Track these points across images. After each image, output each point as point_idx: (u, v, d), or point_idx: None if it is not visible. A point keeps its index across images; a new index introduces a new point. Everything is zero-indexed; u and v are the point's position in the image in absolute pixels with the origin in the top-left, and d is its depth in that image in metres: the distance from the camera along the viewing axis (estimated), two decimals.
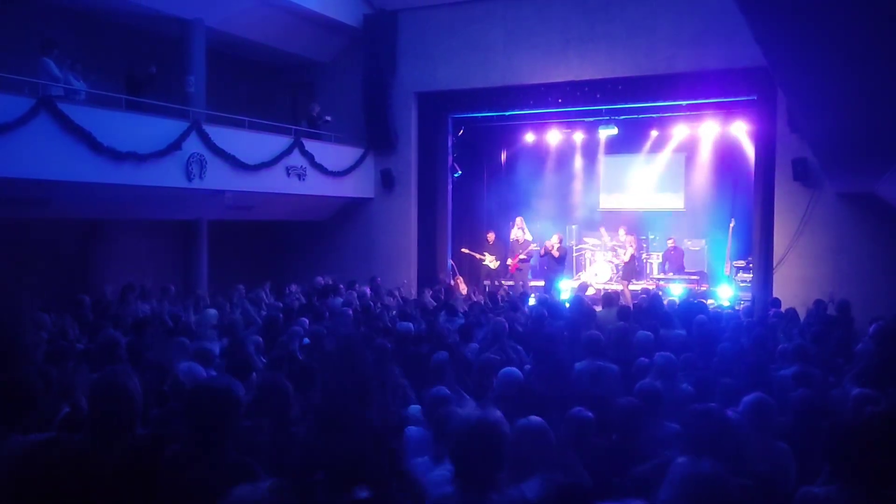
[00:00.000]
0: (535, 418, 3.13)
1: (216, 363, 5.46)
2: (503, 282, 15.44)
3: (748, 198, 14.79)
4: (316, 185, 13.87)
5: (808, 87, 4.36)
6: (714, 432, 3.21)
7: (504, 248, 16.12)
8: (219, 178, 11.71)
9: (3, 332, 3.87)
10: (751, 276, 14.16)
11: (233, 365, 4.43)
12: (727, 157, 16.18)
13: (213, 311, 8.32)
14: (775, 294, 12.15)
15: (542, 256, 15.49)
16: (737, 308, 11.84)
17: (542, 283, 15.45)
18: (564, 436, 3.47)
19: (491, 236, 16.33)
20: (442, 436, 3.33)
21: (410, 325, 7.58)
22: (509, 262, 15.63)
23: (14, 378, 3.06)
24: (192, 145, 11.21)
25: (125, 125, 10.32)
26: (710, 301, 13.28)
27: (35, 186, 9.37)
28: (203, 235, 12.79)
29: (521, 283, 15.27)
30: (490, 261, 15.83)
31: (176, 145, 10.88)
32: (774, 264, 12.92)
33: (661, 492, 2.62)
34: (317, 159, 13.73)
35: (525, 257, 15.44)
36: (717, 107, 14.63)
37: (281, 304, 9.97)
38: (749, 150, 14.98)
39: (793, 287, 12.21)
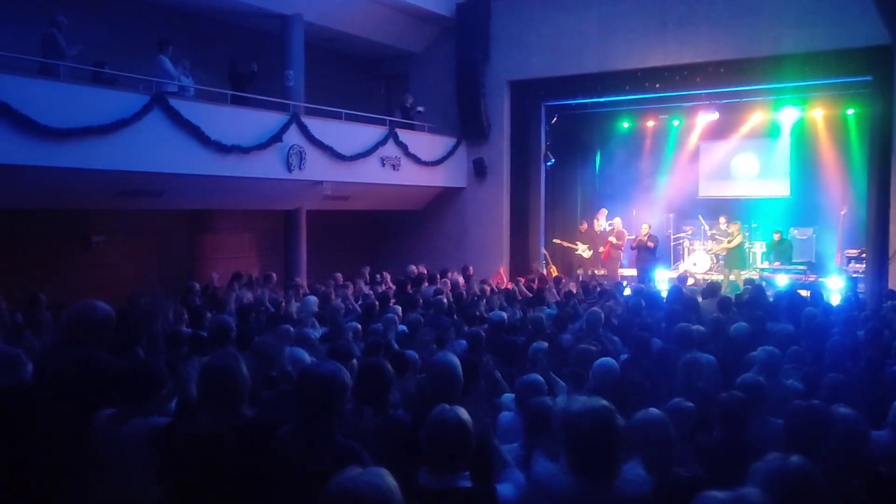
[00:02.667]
0: (654, 410, 3.08)
1: (318, 349, 5.64)
2: (595, 271, 15.24)
3: (861, 184, 13.97)
4: (410, 175, 14.06)
5: None
6: (814, 429, 3.09)
7: (597, 237, 15.88)
8: (317, 168, 12.06)
9: (143, 322, 4.13)
10: (864, 266, 13.39)
11: (334, 351, 4.56)
12: (837, 141, 15.33)
13: (313, 299, 8.59)
14: (890, 286, 11.45)
15: (632, 248, 15.19)
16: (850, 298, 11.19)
17: (634, 273, 15.16)
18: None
19: (584, 226, 16.13)
20: (536, 424, 3.33)
21: (504, 314, 7.58)
22: (601, 250, 15.40)
23: (142, 365, 3.27)
24: (292, 137, 11.59)
25: (230, 119, 10.77)
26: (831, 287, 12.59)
27: (149, 178, 9.91)
28: (302, 225, 13.20)
29: (612, 272, 15.03)
30: (583, 250, 15.65)
31: (277, 137, 11.26)
32: (890, 254, 12.17)
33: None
34: (410, 149, 13.91)
35: (615, 241, 15.16)
36: (827, 88, 13.86)
37: (374, 293, 10.18)
38: (862, 133, 14.14)
39: None
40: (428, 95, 15.27)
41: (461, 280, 11.25)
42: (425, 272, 11.73)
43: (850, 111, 14.47)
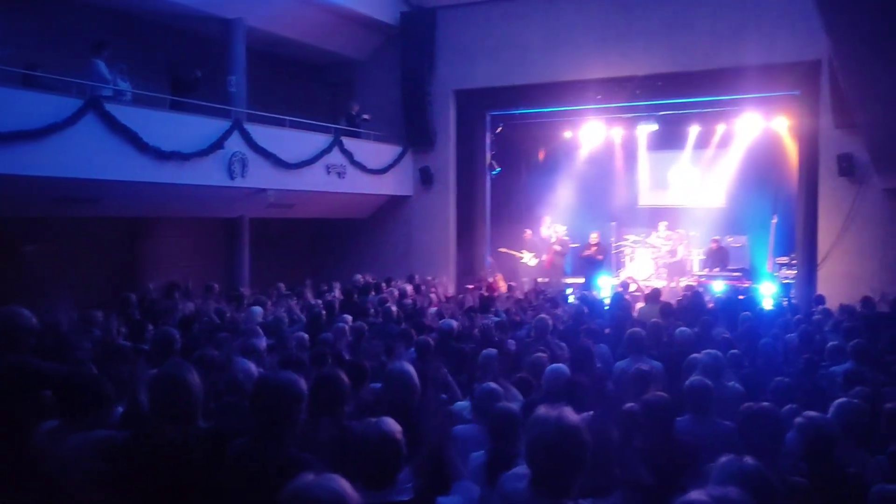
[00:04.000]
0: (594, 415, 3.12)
1: (265, 360, 5.54)
2: (539, 279, 15.42)
3: (791, 194, 14.54)
4: (355, 183, 13.98)
5: (876, 78, 4.27)
6: (768, 430, 3.19)
7: (542, 245, 16.07)
8: (260, 176, 11.87)
9: (53, 330, 4.00)
10: (794, 272, 13.92)
11: (287, 361, 4.48)
12: (769, 152, 15.88)
13: (258, 309, 8.44)
14: (819, 291, 11.92)
15: (580, 257, 15.45)
16: (782, 304, 11.62)
17: (580, 281, 15.40)
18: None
19: (528, 234, 16.30)
20: (501, 431, 3.34)
21: (453, 321, 7.61)
22: (543, 257, 15.61)
23: (86, 378, 3.15)
24: (235, 144, 11.39)
25: (169, 125, 10.50)
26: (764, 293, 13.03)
27: (84, 185, 9.59)
28: (245, 233, 12.95)
29: (556, 279, 15.24)
30: (528, 258, 15.82)
31: (218, 144, 11.05)
32: (819, 261, 12.69)
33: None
34: (356, 157, 13.83)
35: (559, 248, 15.40)
36: (758, 102, 14.38)
37: (321, 302, 10.06)
38: (791, 145, 14.71)
39: (837, 284, 11.96)
40: (374, 103, 15.23)
41: (409, 288, 11.22)
42: (372, 281, 11.67)
43: (781, 124, 14.99)
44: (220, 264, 13.33)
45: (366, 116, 14.66)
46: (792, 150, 14.59)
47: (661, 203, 17.49)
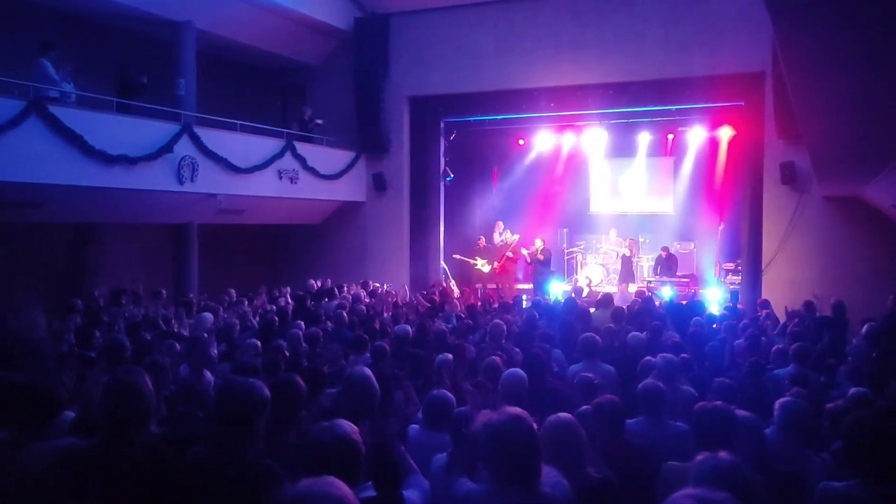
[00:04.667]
0: (564, 415, 3.16)
1: (216, 366, 5.45)
2: (489, 285, 15.54)
3: (736, 201, 14.94)
4: (308, 189, 13.85)
5: (822, 92, 4.43)
6: (723, 430, 3.27)
7: (495, 252, 16.17)
8: (210, 181, 11.67)
9: (20, 337, 3.85)
10: (739, 278, 14.28)
11: (241, 368, 4.40)
12: (715, 161, 16.30)
13: (208, 315, 8.29)
14: (764, 296, 12.25)
15: (528, 264, 15.61)
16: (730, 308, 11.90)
17: (530, 287, 15.54)
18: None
19: (481, 241, 16.38)
20: (461, 437, 3.34)
21: (408, 327, 7.59)
22: (495, 264, 15.72)
23: (38, 385, 3.05)
24: (184, 148, 11.17)
25: (116, 128, 10.26)
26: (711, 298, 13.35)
27: (27, 189, 9.29)
28: (194, 239, 12.73)
29: (507, 285, 15.36)
30: (482, 265, 15.89)
31: (167, 148, 10.83)
32: (763, 266, 13.05)
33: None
34: (309, 163, 13.71)
35: (512, 255, 15.54)
36: (706, 112, 14.75)
37: (275, 308, 9.94)
38: (737, 154, 15.11)
39: (781, 289, 12.32)
40: (327, 108, 15.15)
41: (363, 294, 11.17)
42: (326, 287, 11.58)
43: (728, 133, 15.39)
44: (168, 271, 13.06)
45: (319, 121, 14.56)
46: (737, 158, 14.99)
47: (612, 210, 17.79)
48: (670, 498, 1.86)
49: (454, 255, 16.14)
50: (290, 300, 11.02)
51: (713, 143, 16.07)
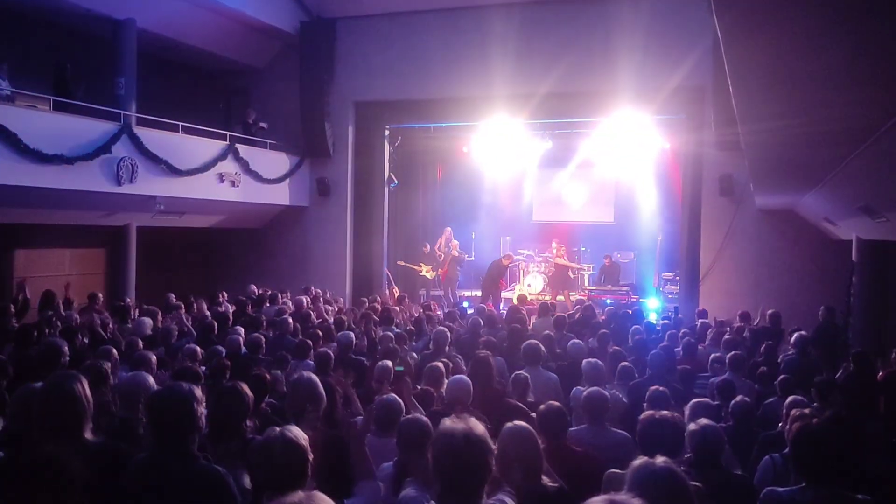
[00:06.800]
0: (521, 423, 3.16)
1: (155, 372, 5.30)
2: (432, 291, 15.59)
3: (676, 212, 15.31)
4: (250, 192, 13.64)
5: (767, 102, 4.58)
6: (668, 439, 3.35)
7: (438, 258, 16.21)
8: (150, 183, 11.39)
9: None
10: (678, 287, 14.63)
11: (182, 373, 4.30)
12: (656, 172, 16.68)
13: (146, 320, 8.08)
14: (701, 306, 12.58)
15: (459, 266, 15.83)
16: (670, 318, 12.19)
17: (470, 294, 15.66)
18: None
19: (426, 248, 16.41)
20: (409, 442, 3.32)
21: (351, 333, 7.55)
22: (440, 270, 15.77)
23: None
24: (123, 149, 10.88)
25: (52, 127, 9.93)
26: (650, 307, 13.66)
27: None
28: (132, 242, 12.37)
29: (449, 291, 15.43)
30: (426, 271, 15.91)
31: (105, 148, 10.53)
32: (701, 277, 13.40)
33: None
34: (251, 166, 13.51)
35: (456, 260, 15.66)
36: (647, 124, 15.06)
37: (213, 314, 9.73)
38: (677, 166, 15.49)
39: (718, 298, 12.69)
40: (271, 112, 14.96)
41: (305, 300, 11.03)
42: (266, 292, 11.40)
43: (668, 145, 15.75)
44: (104, 274, 12.65)
45: (262, 125, 14.37)
46: (678, 170, 15.36)
47: (554, 219, 18.05)
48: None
49: (399, 262, 16.11)
50: (228, 305, 10.81)
51: (654, 155, 16.43)
